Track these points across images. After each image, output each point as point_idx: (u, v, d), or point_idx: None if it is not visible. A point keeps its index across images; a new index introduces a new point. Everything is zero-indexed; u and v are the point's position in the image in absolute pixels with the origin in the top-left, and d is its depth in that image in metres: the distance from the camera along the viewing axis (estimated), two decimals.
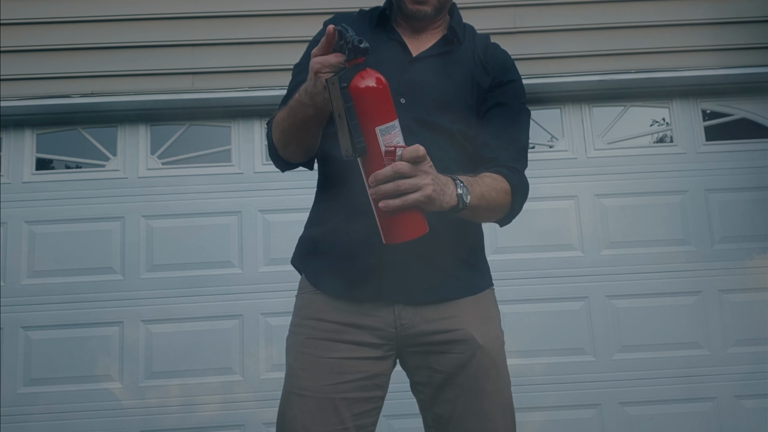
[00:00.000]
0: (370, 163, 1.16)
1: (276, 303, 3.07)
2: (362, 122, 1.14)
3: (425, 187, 1.15)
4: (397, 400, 1.83)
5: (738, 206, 3.33)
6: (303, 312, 1.50)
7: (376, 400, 1.46)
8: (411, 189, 1.14)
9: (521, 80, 1.59)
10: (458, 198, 1.24)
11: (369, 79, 1.16)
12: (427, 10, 1.49)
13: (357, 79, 1.15)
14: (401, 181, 1.13)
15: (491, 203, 1.36)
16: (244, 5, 3.26)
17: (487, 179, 1.38)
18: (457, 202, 1.24)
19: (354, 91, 1.14)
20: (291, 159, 1.49)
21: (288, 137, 1.42)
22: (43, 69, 3.18)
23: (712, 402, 3.15)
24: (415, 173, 1.14)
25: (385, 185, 1.14)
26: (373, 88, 1.16)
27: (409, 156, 1.13)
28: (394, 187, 1.13)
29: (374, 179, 1.14)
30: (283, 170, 1.57)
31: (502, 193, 1.40)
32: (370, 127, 1.15)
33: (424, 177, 1.15)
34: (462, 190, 1.25)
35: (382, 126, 1.16)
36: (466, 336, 1.43)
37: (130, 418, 3.04)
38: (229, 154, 3.34)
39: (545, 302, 3.21)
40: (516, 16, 3.31)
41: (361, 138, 1.14)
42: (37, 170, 3.28)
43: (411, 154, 1.13)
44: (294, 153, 1.47)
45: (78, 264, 3.17)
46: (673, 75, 3.31)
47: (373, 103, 1.15)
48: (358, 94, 1.14)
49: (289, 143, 1.44)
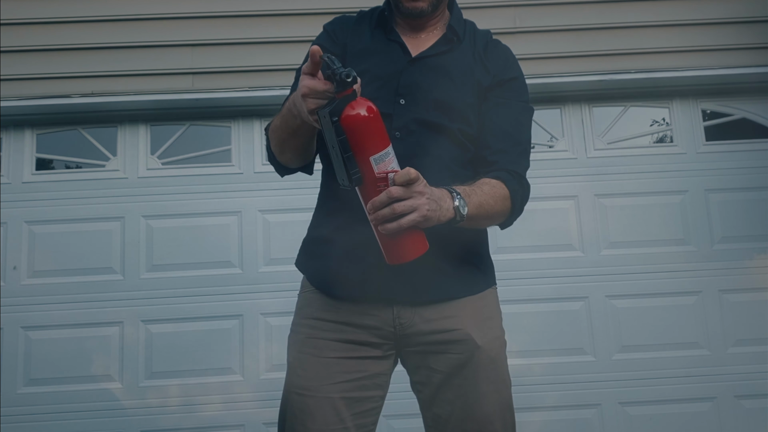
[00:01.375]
0: (367, 191, 1.20)
1: (276, 303, 3.07)
2: (356, 153, 1.17)
3: (420, 208, 1.18)
4: (397, 400, 1.83)
5: (738, 206, 3.33)
6: (304, 311, 1.50)
7: (376, 399, 1.46)
8: (407, 211, 1.17)
9: (523, 77, 1.59)
10: (455, 210, 1.27)
11: (360, 109, 1.17)
12: (423, 6, 1.49)
13: (348, 111, 1.16)
14: (396, 204, 1.17)
15: (489, 211, 1.38)
16: (244, 5, 3.26)
17: (486, 187, 1.38)
18: (454, 214, 1.27)
19: (346, 124, 1.16)
20: (288, 164, 1.51)
21: (283, 144, 1.44)
22: (43, 69, 3.18)
23: (712, 402, 3.15)
24: (409, 195, 1.18)
25: (382, 211, 1.17)
26: (365, 118, 1.17)
27: (401, 180, 1.17)
28: (390, 211, 1.17)
29: (371, 206, 1.18)
30: (283, 175, 1.58)
31: (500, 199, 1.41)
32: (364, 157, 1.17)
33: (418, 198, 1.18)
34: (459, 202, 1.28)
35: (376, 155, 1.18)
36: (465, 336, 1.43)
37: (130, 418, 3.04)
38: (229, 154, 3.34)
39: (545, 302, 3.21)
40: (516, 16, 3.31)
41: (356, 169, 1.17)
42: (37, 170, 3.28)
43: (403, 178, 1.17)
44: (290, 158, 1.48)
45: (78, 264, 3.17)
46: (673, 75, 3.31)
47: (365, 133, 1.17)
48: (349, 126, 1.16)
49: (285, 150, 1.45)
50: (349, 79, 1.15)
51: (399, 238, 1.21)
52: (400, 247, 1.23)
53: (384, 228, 1.18)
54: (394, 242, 1.22)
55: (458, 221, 1.28)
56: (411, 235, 1.22)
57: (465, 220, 1.29)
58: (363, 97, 1.19)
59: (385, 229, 1.18)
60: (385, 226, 1.18)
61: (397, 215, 1.17)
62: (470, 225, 1.35)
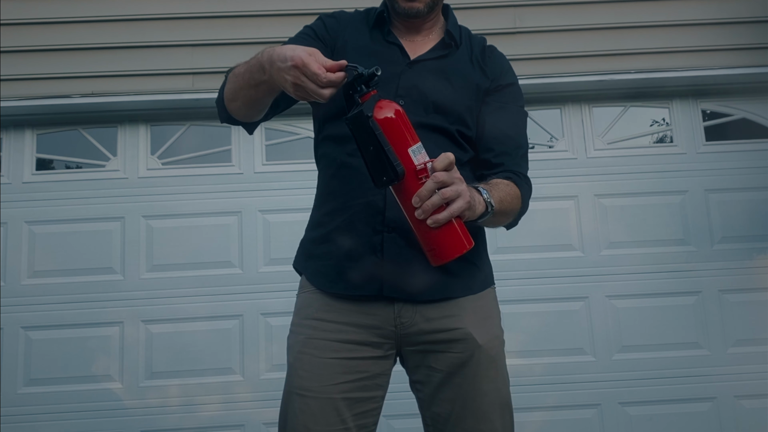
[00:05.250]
0: (408, 186, 1.18)
1: (276, 303, 3.07)
2: (395, 147, 1.17)
3: (464, 194, 1.17)
4: (397, 400, 1.83)
5: (738, 206, 3.33)
6: (303, 312, 1.50)
7: (377, 399, 1.46)
8: (453, 196, 1.15)
9: (518, 83, 1.61)
10: (486, 204, 1.26)
11: (389, 107, 1.19)
12: (420, 6, 1.51)
13: (378, 110, 1.18)
14: (444, 190, 1.14)
15: (508, 208, 1.39)
16: (244, 5, 3.26)
17: (502, 185, 1.40)
18: (485, 207, 1.26)
19: (380, 120, 1.17)
20: (234, 113, 1.49)
21: (237, 91, 1.42)
22: (43, 69, 3.18)
23: (712, 402, 3.15)
24: (453, 180, 1.16)
25: (432, 199, 1.14)
26: (397, 113, 1.19)
27: (441, 164, 1.15)
28: (439, 198, 1.14)
29: (418, 198, 1.15)
30: (222, 121, 1.56)
31: (515, 198, 1.43)
32: (403, 149, 1.18)
33: (460, 183, 1.17)
34: (487, 196, 1.28)
35: (413, 146, 1.19)
36: (466, 335, 1.43)
37: (130, 418, 3.04)
38: (229, 154, 3.34)
39: (545, 302, 3.21)
40: (516, 16, 3.31)
41: (398, 161, 1.16)
42: (37, 170, 3.28)
43: (443, 162, 1.15)
44: (238, 108, 1.47)
45: (78, 264, 3.17)
46: (673, 75, 3.31)
47: (399, 128, 1.18)
48: (385, 121, 1.17)
49: (237, 97, 1.44)
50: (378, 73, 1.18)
51: (447, 232, 1.17)
52: (449, 241, 1.18)
53: (434, 219, 1.14)
54: (442, 236, 1.18)
55: (488, 214, 1.27)
56: (457, 228, 1.18)
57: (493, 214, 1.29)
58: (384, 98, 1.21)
59: (436, 220, 1.14)
60: (435, 216, 1.14)
61: (446, 201, 1.14)
62: (491, 222, 1.35)
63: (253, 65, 1.34)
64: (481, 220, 1.28)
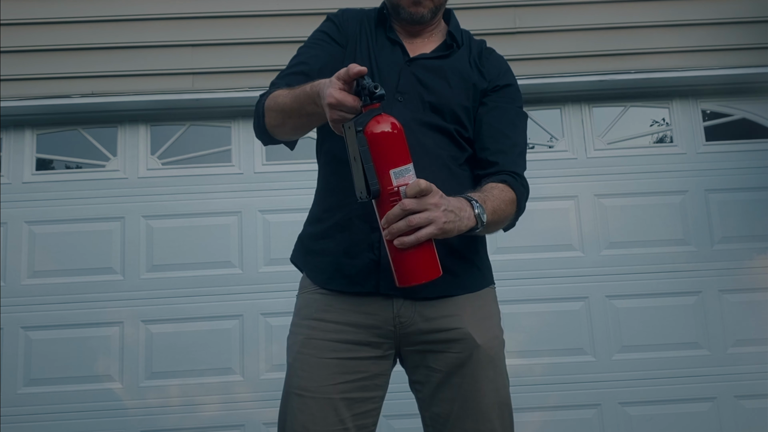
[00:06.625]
0: (382, 205, 1.19)
1: (276, 303, 3.07)
2: (377, 165, 1.17)
3: (436, 221, 1.17)
4: (397, 400, 1.83)
5: (738, 206, 3.33)
6: (303, 312, 1.50)
7: (376, 400, 1.46)
8: (423, 223, 1.16)
9: (517, 84, 1.62)
10: (476, 218, 1.27)
11: (384, 123, 1.18)
12: (424, 12, 1.52)
13: (372, 124, 1.18)
14: (412, 216, 1.16)
15: (501, 216, 1.39)
16: (244, 5, 3.26)
17: (495, 191, 1.40)
18: (475, 223, 1.27)
19: (369, 136, 1.17)
20: (279, 137, 1.50)
21: (286, 120, 1.43)
22: (43, 69, 3.18)
23: (712, 402, 3.15)
24: (424, 207, 1.16)
25: (397, 223, 1.16)
26: (388, 132, 1.18)
27: (412, 191, 1.16)
28: (405, 224, 1.16)
29: (385, 220, 1.17)
30: (266, 144, 1.57)
31: (510, 204, 1.43)
32: (384, 169, 1.18)
33: (434, 210, 1.17)
34: (478, 210, 1.28)
35: (396, 169, 1.18)
36: (465, 335, 1.44)
37: (130, 418, 3.04)
38: (229, 154, 3.34)
39: (545, 302, 3.21)
40: (516, 16, 3.31)
41: (375, 180, 1.17)
42: (37, 170, 3.28)
43: (413, 189, 1.16)
44: (285, 133, 1.48)
45: (78, 264, 3.17)
46: (673, 75, 3.31)
47: (387, 146, 1.18)
48: (373, 138, 1.17)
49: (285, 125, 1.44)
50: (378, 91, 1.17)
51: (412, 257, 1.19)
52: (413, 267, 1.20)
53: (400, 241, 1.17)
54: (406, 260, 1.20)
55: (478, 229, 1.28)
56: (425, 255, 1.20)
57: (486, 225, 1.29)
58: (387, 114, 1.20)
59: (402, 242, 1.16)
60: (402, 239, 1.16)
61: (413, 228, 1.16)
62: (484, 232, 1.36)
63: (302, 99, 1.34)
64: (470, 233, 1.29)
